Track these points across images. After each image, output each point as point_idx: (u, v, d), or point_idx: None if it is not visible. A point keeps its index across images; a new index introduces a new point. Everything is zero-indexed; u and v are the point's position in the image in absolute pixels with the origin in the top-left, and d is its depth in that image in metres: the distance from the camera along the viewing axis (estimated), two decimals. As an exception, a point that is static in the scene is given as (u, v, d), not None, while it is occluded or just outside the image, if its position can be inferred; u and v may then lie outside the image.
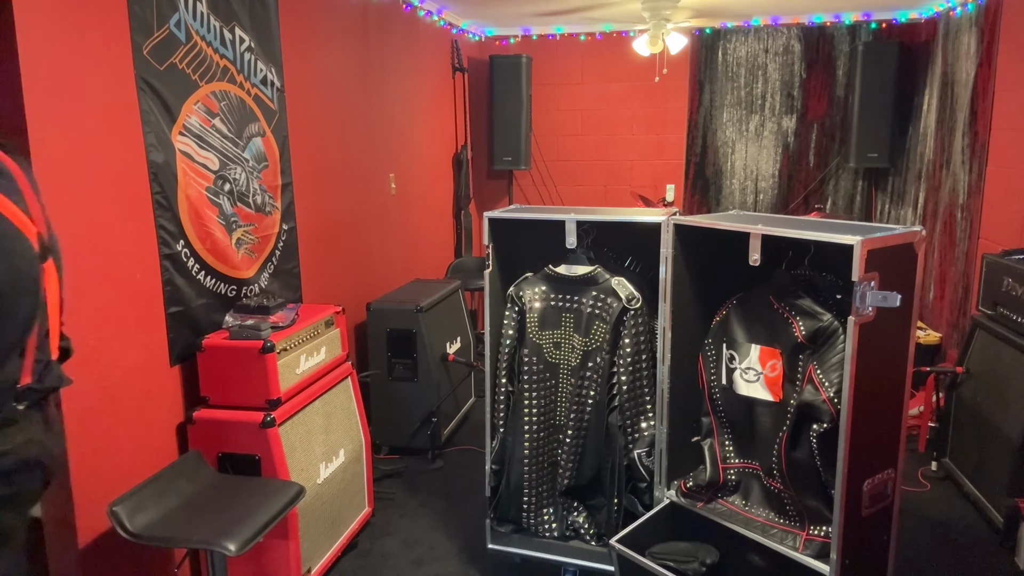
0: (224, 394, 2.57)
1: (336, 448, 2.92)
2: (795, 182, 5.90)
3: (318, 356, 2.85)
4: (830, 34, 5.63)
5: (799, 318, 2.18)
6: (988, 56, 4.12)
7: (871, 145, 5.27)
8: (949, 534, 3.12)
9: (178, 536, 2.13)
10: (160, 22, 2.45)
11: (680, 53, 5.39)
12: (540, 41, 6.07)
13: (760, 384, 2.31)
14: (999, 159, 3.98)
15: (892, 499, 2.17)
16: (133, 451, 2.39)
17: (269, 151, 3.10)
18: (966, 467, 3.40)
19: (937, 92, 4.89)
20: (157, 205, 2.45)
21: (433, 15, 5.07)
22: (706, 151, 6.03)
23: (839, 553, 2.03)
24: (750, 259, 2.20)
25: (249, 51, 2.94)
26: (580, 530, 2.72)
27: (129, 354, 2.37)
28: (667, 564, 2.28)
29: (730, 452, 2.47)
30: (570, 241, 2.58)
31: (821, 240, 2.01)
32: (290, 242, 3.27)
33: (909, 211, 5.28)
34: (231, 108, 2.83)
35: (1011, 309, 3.12)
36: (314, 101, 3.52)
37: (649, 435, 2.60)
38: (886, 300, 1.90)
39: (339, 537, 2.92)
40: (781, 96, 5.81)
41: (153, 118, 2.42)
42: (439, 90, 5.36)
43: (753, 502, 2.40)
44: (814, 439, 2.12)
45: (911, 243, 2.03)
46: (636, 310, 2.55)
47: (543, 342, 2.67)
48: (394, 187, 4.51)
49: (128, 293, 2.37)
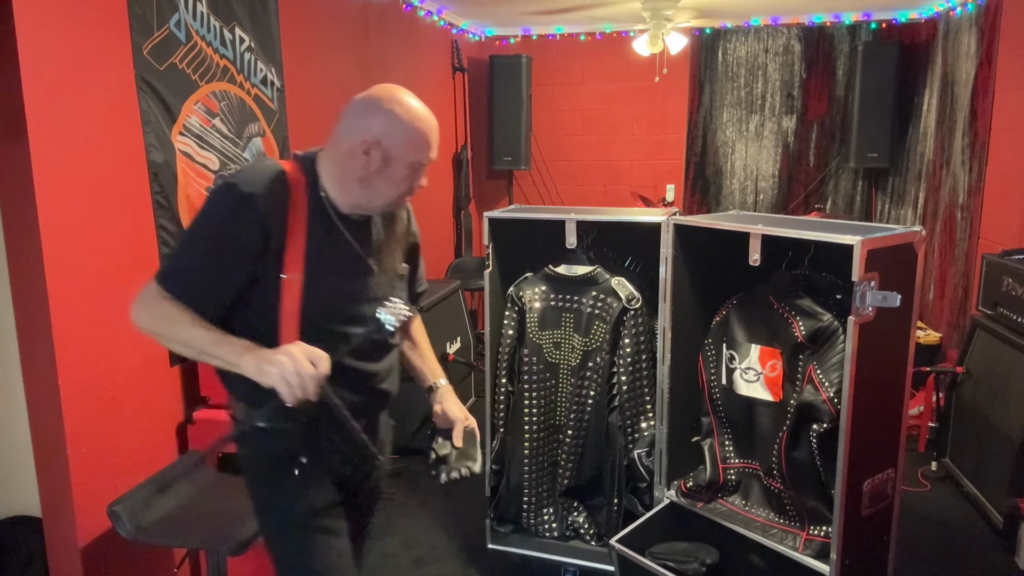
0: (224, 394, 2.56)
1: (336, 448, 2.91)
2: (795, 182, 5.90)
3: (318, 356, 2.84)
4: (830, 34, 5.63)
5: (799, 318, 2.18)
6: (988, 56, 4.12)
7: (871, 145, 5.27)
8: (949, 534, 3.12)
9: (178, 536, 2.13)
10: (160, 22, 2.45)
11: (680, 53, 5.39)
12: (540, 41, 6.07)
13: (760, 384, 2.31)
14: (999, 159, 3.98)
15: (892, 499, 2.17)
16: (133, 451, 2.39)
17: (269, 151, 3.10)
18: (966, 467, 3.40)
19: (937, 92, 4.89)
20: (157, 205, 2.45)
21: (433, 15, 5.06)
22: (706, 151, 6.03)
23: (839, 553, 2.03)
24: (750, 259, 2.20)
25: (249, 51, 2.94)
26: (580, 530, 2.72)
27: (129, 354, 2.37)
28: (667, 564, 2.28)
29: (730, 452, 2.47)
30: (570, 241, 2.58)
31: (821, 240, 2.01)
32: (290, 242, 3.27)
33: (909, 211, 5.27)
34: (231, 108, 2.83)
35: (1011, 309, 3.12)
36: (314, 101, 3.52)
37: (649, 435, 2.60)
38: (886, 300, 1.90)
39: (339, 537, 2.92)
40: (781, 96, 5.80)
41: (153, 118, 2.42)
42: (439, 90, 5.36)
43: (753, 502, 2.40)
44: (814, 439, 2.12)
45: (911, 243, 2.03)
46: (636, 310, 2.55)
47: (543, 342, 2.67)
48: (394, 187, 4.50)
49: (128, 293, 2.35)
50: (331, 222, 1.54)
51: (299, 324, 1.48)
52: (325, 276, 1.51)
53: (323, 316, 1.52)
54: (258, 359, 1.36)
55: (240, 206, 1.44)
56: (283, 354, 1.35)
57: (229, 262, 1.46)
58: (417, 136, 1.50)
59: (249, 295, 1.49)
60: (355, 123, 1.50)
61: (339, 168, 1.53)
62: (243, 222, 1.44)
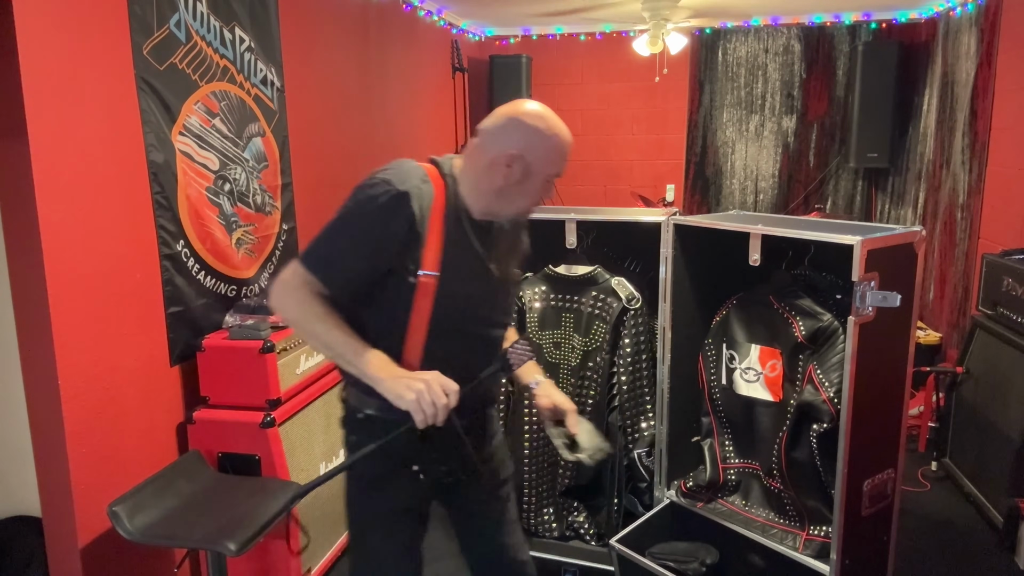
0: (224, 394, 2.57)
1: (336, 448, 2.92)
2: (795, 182, 5.90)
3: (318, 356, 2.85)
4: (830, 34, 5.63)
5: (799, 318, 2.18)
6: (988, 56, 4.12)
7: (871, 145, 5.27)
8: (949, 534, 3.12)
9: (178, 536, 2.13)
10: (160, 22, 2.45)
11: (680, 53, 5.39)
12: (540, 41, 6.07)
13: (760, 384, 2.31)
14: (999, 159, 3.98)
15: (892, 499, 2.17)
16: (133, 451, 2.39)
17: (269, 151, 3.10)
18: (966, 467, 3.40)
19: (937, 92, 4.89)
20: (157, 205, 2.45)
21: (433, 15, 5.07)
22: (706, 151, 6.03)
23: (839, 553, 2.03)
24: (750, 259, 2.20)
25: (249, 51, 2.94)
26: (580, 530, 2.72)
27: (129, 354, 2.37)
28: (667, 564, 2.28)
29: (730, 452, 2.47)
30: (570, 241, 2.58)
31: (821, 240, 2.01)
32: (290, 242, 3.27)
33: (909, 211, 5.27)
34: (231, 108, 2.83)
35: (1011, 309, 3.12)
36: (314, 101, 3.52)
37: (649, 435, 2.60)
38: (886, 300, 1.90)
39: (339, 537, 2.92)
40: (781, 96, 5.81)
41: (153, 118, 2.42)
42: (439, 90, 5.36)
43: (753, 502, 2.40)
44: (814, 439, 2.12)
45: (911, 243, 2.03)
46: (636, 310, 2.55)
47: (543, 342, 2.67)
48: (394, 187, 4.50)
49: (128, 293, 2.37)
50: (463, 226, 1.61)
51: (428, 323, 1.56)
52: (455, 277, 1.58)
53: (451, 316, 1.59)
54: (397, 383, 1.46)
55: (392, 201, 1.52)
56: (420, 381, 1.45)
57: (375, 254, 1.54)
58: (556, 151, 1.60)
59: (382, 290, 1.57)
60: (499, 136, 1.58)
61: (478, 177, 1.61)
62: (394, 217, 1.52)
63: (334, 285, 1.54)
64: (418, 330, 1.56)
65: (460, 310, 1.61)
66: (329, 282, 1.54)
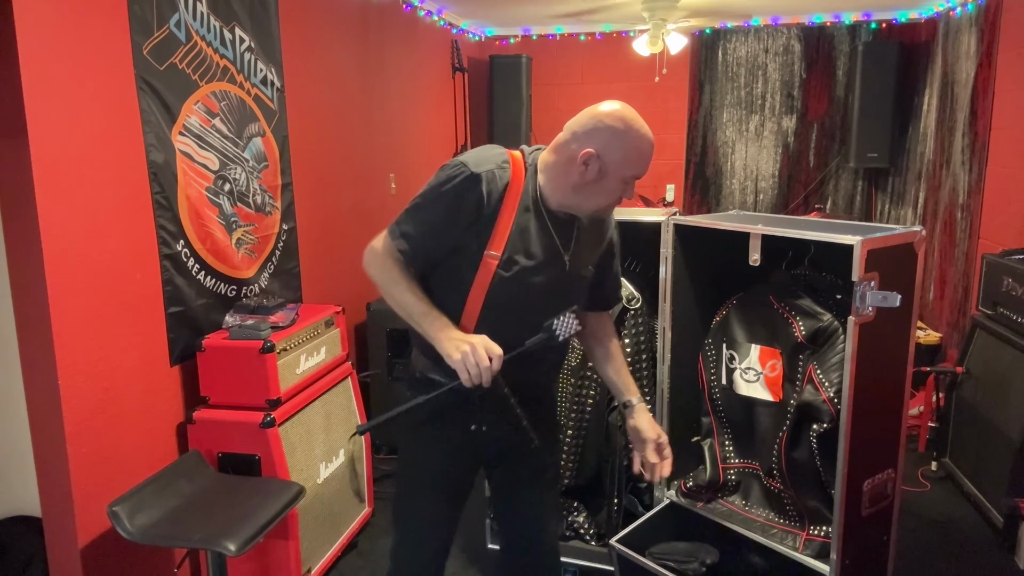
0: (224, 394, 2.57)
1: (336, 448, 2.92)
2: (795, 182, 5.90)
3: (318, 356, 2.85)
4: (830, 34, 5.63)
5: (799, 318, 2.18)
6: (988, 56, 4.12)
7: (871, 145, 5.27)
8: (949, 534, 3.12)
9: (178, 536, 2.13)
10: (160, 22, 2.45)
11: (680, 53, 5.39)
12: (540, 41, 6.07)
13: (760, 384, 2.31)
14: (999, 159, 3.98)
15: (892, 499, 2.17)
16: (133, 451, 2.39)
17: (269, 151, 3.10)
18: (966, 467, 3.40)
19: (937, 92, 4.89)
20: (157, 205, 2.45)
21: (433, 15, 5.06)
22: (706, 151, 6.03)
23: (839, 553, 2.03)
24: (750, 259, 2.20)
25: (249, 51, 2.94)
26: (580, 530, 2.72)
27: (129, 354, 2.37)
28: (667, 564, 2.28)
29: (730, 452, 2.47)
30: (570, 241, 2.58)
31: (821, 240, 2.01)
32: (290, 242, 3.27)
33: (909, 211, 5.27)
34: (231, 108, 2.83)
35: (1011, 309, 3.12)
36: (314, 101, 3.52)
37: (649, 435, 2.59)
38: (886, 300, 1.90)
39: (339, 537, 2.92)
40: (781, 96, 5.81)
41: (153, 118, 2.42)
42: (439, 90, 5.36)
43: (753, 502, 2.40)
44: (814, 439, 2.12)
45: (911, 243, 2.02)
46: (636, 310, 2.55)
47: (543, 342, 2.66)
48: (394, 187, 4.51)
49: (128, 293, 2.37)
50: (539, 214, 1.68)
51: (484, 298, 1.65)
52: (519, 261, 1.65)
53: (509, 295, 1.66)
54: (450, 342, 1.58)
55: (464, 182, 1.61)
56: (467, 344, 1.55)
57: (446, 230, 1.65)
58: (634, 153, 1.63)
59: (449, 265, 1.68)
60: (579, 133, 1.64)
61: (557, 171, 1.67)
62: (463, 198, 1.61)
63: (408, 254, 1.68)
64: (475, 303, 1.65)
65: (519, 292, 1.66)
66: (404, 252, 1.67)
